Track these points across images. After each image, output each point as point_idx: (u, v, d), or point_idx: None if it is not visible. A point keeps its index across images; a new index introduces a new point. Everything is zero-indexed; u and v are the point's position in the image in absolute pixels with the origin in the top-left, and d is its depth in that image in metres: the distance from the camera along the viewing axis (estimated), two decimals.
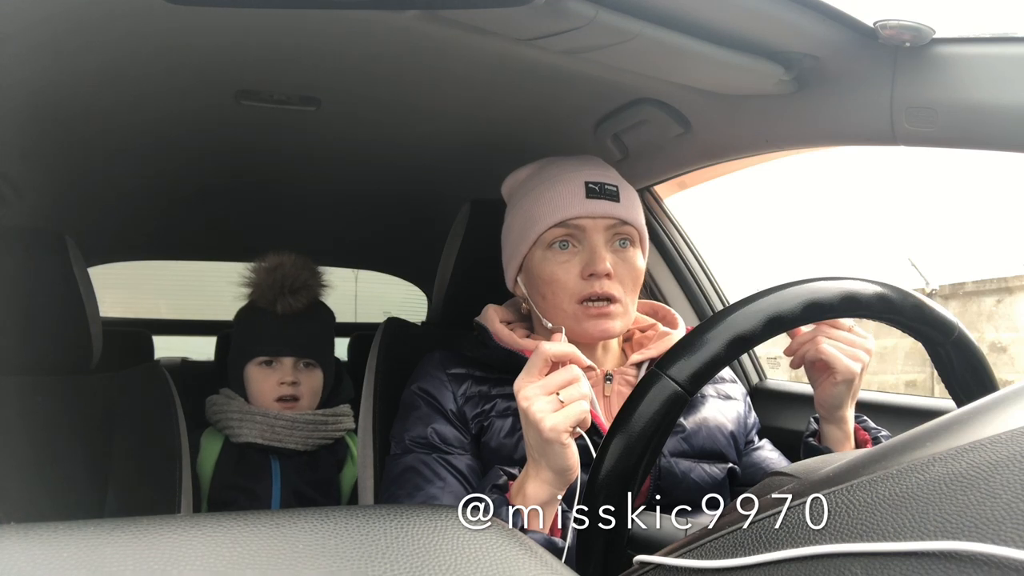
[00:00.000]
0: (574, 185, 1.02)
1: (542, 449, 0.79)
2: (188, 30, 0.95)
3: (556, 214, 1.01)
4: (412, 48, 1.01)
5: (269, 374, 1.48)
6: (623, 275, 1.01)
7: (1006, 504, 0.34)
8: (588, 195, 1.01)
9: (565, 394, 0.78)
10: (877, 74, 0.95)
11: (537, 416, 0.77)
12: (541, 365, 0.80)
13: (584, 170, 1.05)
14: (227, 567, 0.36)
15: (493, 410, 1.01)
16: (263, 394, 1.47)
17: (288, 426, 1.45)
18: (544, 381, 0.79)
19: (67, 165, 1.43)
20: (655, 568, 0.46)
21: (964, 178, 15.56)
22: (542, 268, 1.02)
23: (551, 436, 0.76)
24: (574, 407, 0.77)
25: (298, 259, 1.53)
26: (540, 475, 0.81)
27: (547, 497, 0.81)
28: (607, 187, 1.02)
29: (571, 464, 0.79)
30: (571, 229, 1.01)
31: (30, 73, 1.03)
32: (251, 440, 1.43)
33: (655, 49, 0.92)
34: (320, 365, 1.52)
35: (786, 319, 0.67)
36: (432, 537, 0.41)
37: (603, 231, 1.01)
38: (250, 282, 1.52)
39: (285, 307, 1.47)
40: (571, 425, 0.77)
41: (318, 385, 1.52)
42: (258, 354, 1.48)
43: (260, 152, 1.49)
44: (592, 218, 1.01)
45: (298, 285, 1.49)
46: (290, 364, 1.48)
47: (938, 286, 7.21)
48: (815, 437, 1.00)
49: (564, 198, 1.01)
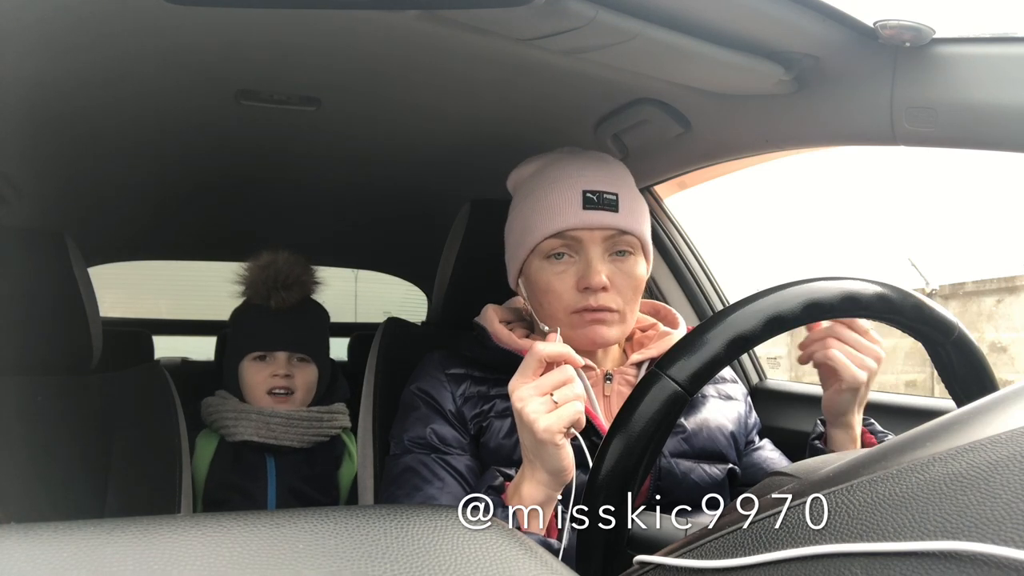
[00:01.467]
0: (571, 193, 1.00)
1: (536, 450, 0.79)
2: (188, 30, 0.95)
3: (551, 225, 0.99)
4: (412, 48, 1.01)
5: (263, 367, 1.48)
6: (621, 285, 1.00)
7: (1006, 504, 0.34)
8: (585, 205, 0.99)
9: (559, 395, 0.77)
10: (877, 74, 0.95)
11: (531, 417, 0.77)
12: (535, 366, 0.79)
13: (585, 175, 1.02)
14: (227, 567, 0.36)
15: (492, 411, 1.01)
16: (256, 387, 1.47)
17: (284, 423, 1.45)
18: (538, 382, 0.78)
19: (67, 165, 1.43)
20: (655, 568, 0.46)
21: (964, 178, 15.56)
22: (538, 277, 1.01)
23: (545, 437, 0.76)
24: (568, 408, 0.77)
25: (291, 256, 1.53)
26: (535, 476, 0.81)
27: (543, 498, 0.81)
28: (606, 196, 1.00)
29: (566, 465, 0.79)
30: (567, 240, 0.99)
31: (30, 73, 1.03)
32: (247, 438, 1.43)
33: (655, 49, 0.92)
34: (314, 360, 1.53)
35: (786, 319, 0.67)
36: (432, 537, 0.41)
37: (600, 242, 0.99)
38: (244, 280, 1.53)
39: (279, 302, 1.48)
40: (565, 426, 0.77)
41: (312, 380, 1.52)
42: (252, 349, 1.49)
43: (260, 152, 1.49)
44: (589, 229, 0.99)
45: (291, 280, 1.50)
46: (284, 358, 1.49)
47: (938, 286, 7.21)
48: (821, 440, 0.98)
49: (560, 208, 0.99)
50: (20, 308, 1.21)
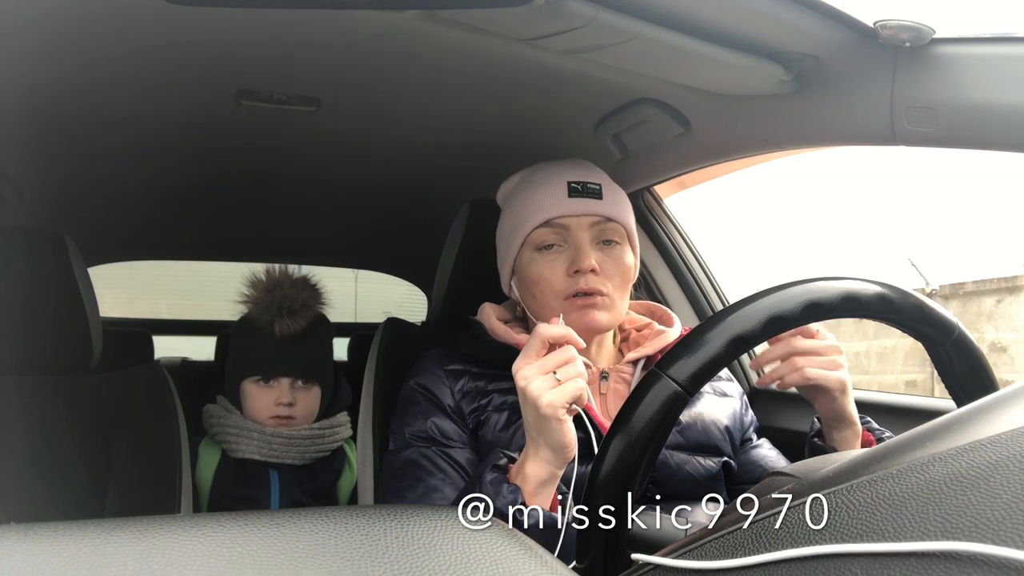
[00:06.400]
0: (557, 185, 1.05)
1: (540, 426, 0.81)
2: (188, 30, 0.95)
3: (540, 214, 1.04)
4: (412, 48, 1.01)
5: (266, 392, 1.46)
6: (610, 271, 1.03)
7: (1006, 504, 0.34)
8: (571, 194, 1.04)
9: (562, 372, 0.80)
10: (877, 74, 0.95)
11: (535, 393, 0.79)
12: (539, 347, 0.82)
13: (569, 171, 1.07)
14: (227, 567, 0.36)
15: (489, 404, 1.03)
16: (259, 411, 1.46)
17: (285, 443, 1.44)
18: (541, 361, 0.81)
19: (67, 165, 1.43)
20: (655, 568, 0.46)
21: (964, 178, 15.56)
22: (530, 269, 1.05)
23: (548, 412, 0.79)
24: (570, 384, 0.79)
25: (297, 279, 1.50)
26: (539, 453, 0.83)
27: (546, 475, 0.83)
28: (589, 185, 1.05)
29: (568, 441, 0.81)
30: (556, 229, 1.03)
31: (30, 72, 1.03)
32: (248, 456, 1.43)
33: (655, 49, 0.92)
34: (318, 382, 1.51)
35: (786, 319, 0.67)
36: (432, 537, 0.41)
37: (587, 228, 1.03)
38: (248, 299, 1.50)
39: (283, 329, 1.44)
40: (567, 401, 0.79)
41: (315, 403, 1.51)
42: (254, 373, 1.47)
43: (260, 152, 1.49)
44: (575, 216, 1.03)
45: (296, 306, 1.46)
46: (287, 384, 1.46)
47: (938, 286, 7.20)
48: (820, 437, 0.99)
49: (547, 199, 1.04)
50: (20, 308, 1.21)
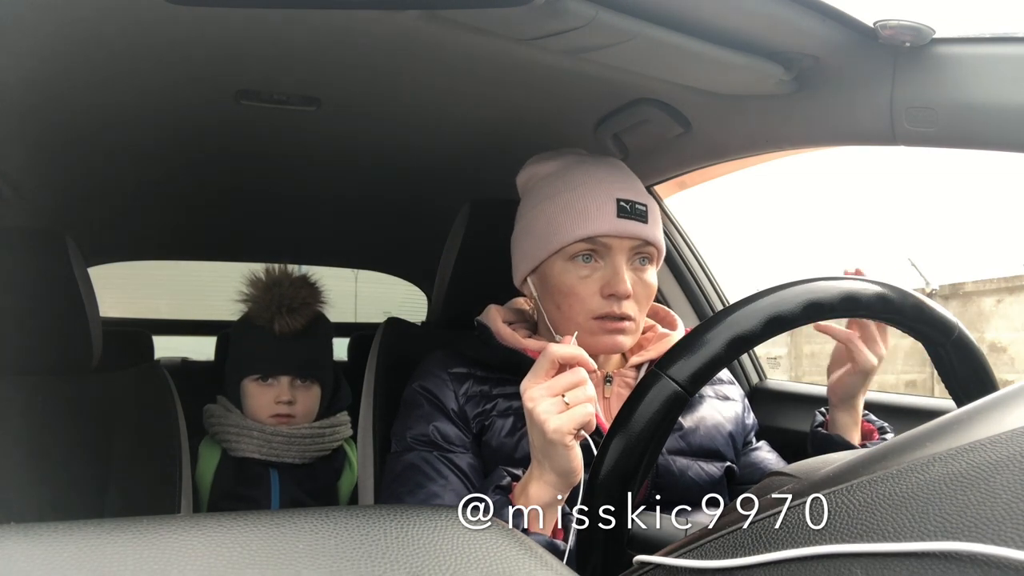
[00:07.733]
0: (605, 199, 1.00)
1: (546, 450, 0.79)
2: (188, 30, 0.95)
3: (584, 229, 0.99)
4: (412, 48, 1.01)
5: (266, 391, 1.47)
6: (640, 295, 1.01)
7: (1006, 504, 0.34)
8: (619, 214, 0.99)
9: (571, 396, 0.78)
10: (877, 74, 0.95)
11: (542, 417, 0.77)
12: (548, 367, 0.79)
13: (615, 184, 1.02)
14: (227, 567, 0.36)
15: (494, 409, 1.01)
16: (259, 409, 1.47)
17: (285, 442, 1.45)
18: (550, 383, 0.79)
19: (67, 165, 1.43)
20: (655, 568, 0.46)
21: (964, 178, 15.56)
22: (561, 279, 1.01)
23: (555, 437, 0.76)
24: (579, 409, 0.77)
25: (296, 278, 1.50)
26: (544, 477, 0.81)
27: (549, 499, 0.81)
28: (638, 206, 1.01)
29: (575, 467, 0.79)
30: (596, 245, 0.99)
31: (30, 72, 1.03)
32: (249, 455, 1.43)
33: (655, 49, 0.92)
34: (318, 381, 1.51)
35: (786, 319, 0.67)
36: (432, 537, 0.41)
37: (627, 250, 1.00)
38: (248, 297, 1.50)
39: (283, 327, 1.45)
40: (575, 427, 0.77)
41: (315, 401, 1.51)
42: (254, 372, 1.47)
43: (260, 152, 1.49)
44: (619, 238, 0.99)
45: (296, 304, 1.47)
46: (287, 382, 1.47)
47: (938, 286, 7.20)
48: (823, 427, 1.03)
49: (594, 214, 0.99)
50: (20, 308, 1.21)
